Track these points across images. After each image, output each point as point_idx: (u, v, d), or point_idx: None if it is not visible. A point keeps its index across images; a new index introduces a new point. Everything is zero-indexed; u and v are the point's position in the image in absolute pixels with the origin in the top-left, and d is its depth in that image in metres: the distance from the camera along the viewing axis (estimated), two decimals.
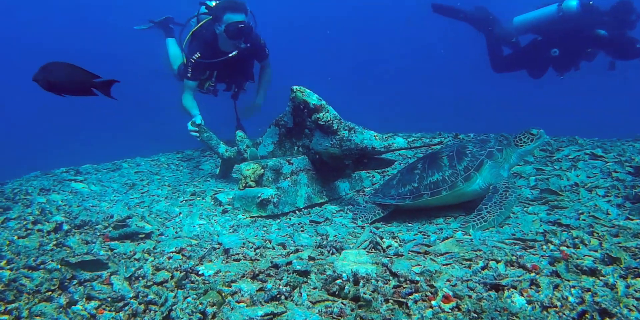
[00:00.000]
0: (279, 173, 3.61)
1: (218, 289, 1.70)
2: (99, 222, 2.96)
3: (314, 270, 1.95)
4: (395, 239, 2.54)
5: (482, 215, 2.87)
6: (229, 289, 1.74)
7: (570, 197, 3.23)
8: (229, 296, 1.68)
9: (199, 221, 3.31)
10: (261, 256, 2.20)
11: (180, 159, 5.86)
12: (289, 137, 4.01)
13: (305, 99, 3.49)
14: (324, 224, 3.21)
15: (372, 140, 3.40)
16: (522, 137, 3.24)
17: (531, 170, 3.90)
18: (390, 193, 3.41)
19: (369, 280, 1.79)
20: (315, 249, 2.31)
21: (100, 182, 4.50)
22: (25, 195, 3.70)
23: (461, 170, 3.15)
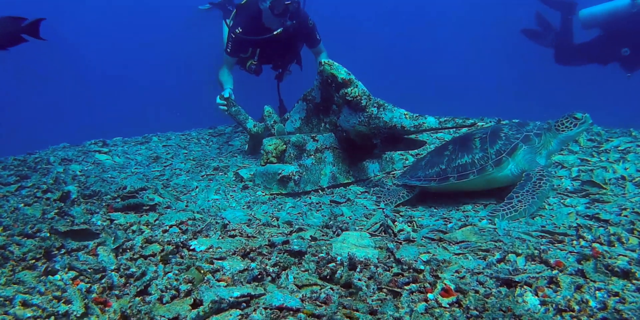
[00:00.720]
0: (303, 150, 3.46)
1: (197, 266, 1.57)
2: (108, 192, 2.90)
3: (312, 251, 1.80)
4: (411, 223, 2.35)
5: (513, 204, 2.63)
6: (210, 266, 1.61)
7: (615, 191, 2.93)
8: (209, 273, 1.55)
9: (214, 196, 3.22)
10: (259, 233, 2.07)
11: (211, 134, 5.81)
12: (317, 113, 3.85)
13: (334, 72, 3.31)
14: (344, 205, 3.05)
15: (402, 118, 3.20)
16: (565, 121, 2.95)
17: (575, 160, 3.58)
18: (417, 174, 3.20)
19: (367, 266, 1.63)
20: (321, 228, 2.16)
21: (125, 154, 4.49)
22: (46, 165, 3.72)
23: (492, 153, 2.91)
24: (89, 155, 4.29)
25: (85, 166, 3.88)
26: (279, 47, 5.72)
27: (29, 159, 3.92)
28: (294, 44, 5.95)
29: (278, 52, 5.86)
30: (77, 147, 4.70)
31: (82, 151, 4.44)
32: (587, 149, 3.85)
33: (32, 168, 3.63)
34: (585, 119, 2.93)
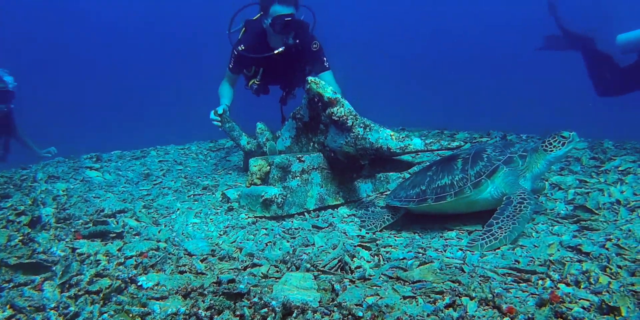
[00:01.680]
0: (287, 171, 3.39)
1: (126, 309, 1.51)
2: (82, 216, 2.88)
3: (255, 291, 1.72)
4: (378, 256, 2.25)
5: (493, 231, 2.50)
6: (141, 310, 1.54)
7: (607, 216, 2.77)
8: (139, 318, 1.49)
9: (193, 219, 3.17)
10: (210, 270, 2.00)
11: (211, 148, 5.78)
12: (306, 132, 3.77)
13: (320, 91, 3.24)
14: (323, 231, 2.96)
15: (387, 139, 3.10)
16: (552, 140, 2.80)
17: (573, 182, 3.42)
18: (399, 195, 3.10)
19: (304, 311, 1.53)
20: (277, 264, 2.07)
21: (117, 170, 4.49)
22: (32, 182, 3.74)
23: (472, 175, 2.79)
24: (80, 171, 4.31)
25: (73, 184, 3.89)
26: (283, 68, 5.54)
27: (16, 175, 3.94)
28: (299, 67, 5.68)
29: (282, 74, 5.65)
30: (70, 162, 4.72)
31: (73, 167, 4.46)
32: (589, 168, 3.68)
33: (18, 186, 3.66)
34: (572, 137, 2.79)
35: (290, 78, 5.81)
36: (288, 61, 5.39)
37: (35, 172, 4.23)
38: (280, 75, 5.62)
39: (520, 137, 4.82)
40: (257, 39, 5.23)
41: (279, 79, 5.80)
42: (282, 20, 4.83)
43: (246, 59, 5.34)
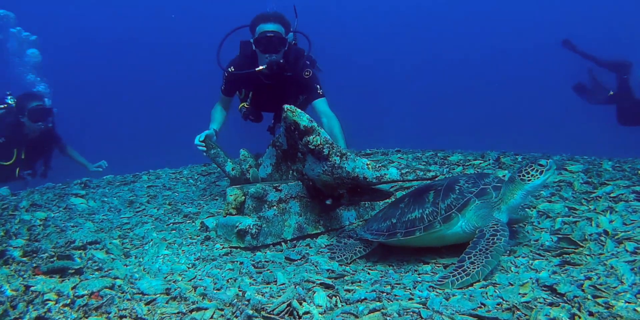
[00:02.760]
0: (263, 201, 3.29)
1: None
2: (47, 250, 2.81)
3: None
4: (336, 297, 2.13)
5: (465, 267, 2.37)
6: None
7: (593, 249, 2.61)
8: None
9: (165, 251, 3.08)
10: (151, 314, 1.90)
11: (202, 172, 5.71)
12: (285, 160, 3.69)
13: (296, 119, 3.16)
14: (296, 264, 2.85)
15: (364, 169, 3.01)
16: (529, 169, 2.66)
17: (561, 209, 3.26)
18: (371, 227, 2.99)
19: None
20: (224, 307, 1.96)
21: (103, 196, 4.44)
22: (12, 211, 3.69)
23: (442, 209, 2.66)
24: (65, 198, 4.26)
25: (54, 212, 3.84)
26: (272, 93, 5.45)
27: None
28: (291, 94, 5.58)
29: (271, 99, 5.52)
30: (57, 189, 4.69)
31: (59, 194, 4.42)
32: (580, 194, 3.51)
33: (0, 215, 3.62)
34: (550, 165, 2.66)
35: (279, 104, 5.67)
36: (277, 86, 5.33)
37: (20, 199, 4.20)
38: (270, 100, 5.52)
39: (515, 160, 4.66)
40: (247, 59, 5.21)
41: (269, 105, 5.70)
42: (264, 36, 4.80)
43: (236, 80, 5.31)
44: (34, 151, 7.53)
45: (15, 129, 7.08)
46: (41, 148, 7.67)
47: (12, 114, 7.09)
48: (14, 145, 7.14)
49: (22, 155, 7.31)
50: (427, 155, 5.22)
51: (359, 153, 5.89)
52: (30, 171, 7.57)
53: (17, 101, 7.13)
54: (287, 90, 5.50)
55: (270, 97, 5.49)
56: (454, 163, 4.82)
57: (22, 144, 7.23)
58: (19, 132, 7.12)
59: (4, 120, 7.10)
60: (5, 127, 7.04)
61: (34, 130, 7.15)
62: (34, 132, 7.20)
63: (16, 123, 7.05)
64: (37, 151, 7.63)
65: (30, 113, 6.95)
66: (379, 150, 6.02)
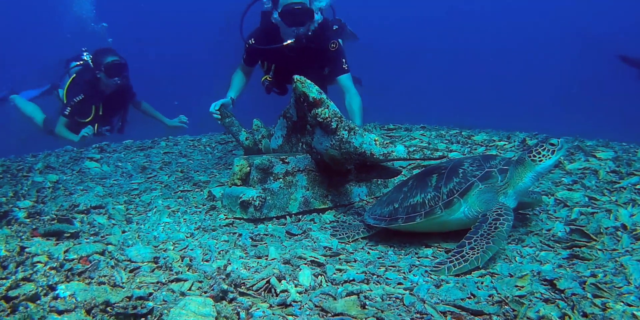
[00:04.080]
0: (268, 173, 3.22)
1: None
2: (49, 212, 2.83)
3: (156, 313, 1.58)
4: (322, 276, 2.05)
5: (464, 253, 2.25)
6: None
7: (606, 244, 2.44)
8: None
9: (166, 219, 3.07)
10: (129, 283, 1.87)
11: (221, 140, 5.66)
12: (295, 132, 3.59)
13: (305, 90, 3.05)
14: (296, 239, 2.79)
15: (371, 145, 2.89)
16: (540, 149, 2.48)
17: (581, 198, 3.07)
18: (375, 211, 2.88)
19: None
20: (204, 280, 1.92)
21: (118, 161, 4.46)
22: (27, 173, 3.74)
23: (445, 193, 2.53)
24: (80, 162, 4.30)
25: (67, 175, 3.88)
26: (296, 65, 5.23)
27: (13, 165, 3.97)
28: (315, 66, 5.38)
29: (296, 71, 5.32)
30: (73, 153, 4.74)
31: (75, 157, 4.46)
32: (604, 183, 3.30)
33: (14, 175, 3.68)
34: (561, 144, 2.49)
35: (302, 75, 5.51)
36: (301, 58, 5.15)
37: (37, 161, 4.26)
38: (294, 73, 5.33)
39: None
40: (269, 32, 5.03)
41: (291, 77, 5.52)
42: (290, 8, 4.59)
43: (257, 53, 5.16)
44: (111, 107, 7.37)
45: (93, 85, 6.95)
46: (118, 103, 7.53)
47: (88, 71, 6.99)
48: (91, 102, 7.01)
49: (100, 112, 7.17)
50: (451, 134, 5.03)
51: (383, 127, 5.73)
52: (109, 127, 7.49)
53: (93, 57, 6.98)
54: (311, 63, 5.33)
55: (293, 70, 5.27)
56: (477, 143, 4.63)
57: (99, 100, 7.10)
58: (96, 88, 6.99)
59: (82, 78, 6.99)
60: (83, 84, 6.92)
61: (110, 85, 6.98)
62: (110, 88, 7.04)
63: (93, 79, 6.92)
64: (114, 107, 7.48)
65: (106, 68, 6.73)
66: (402, 125, 5.84)
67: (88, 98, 6.91)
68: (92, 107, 7.06)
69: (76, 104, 6.84)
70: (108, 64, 6.72)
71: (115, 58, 6.81)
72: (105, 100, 7.16)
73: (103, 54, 6.89)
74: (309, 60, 5.22)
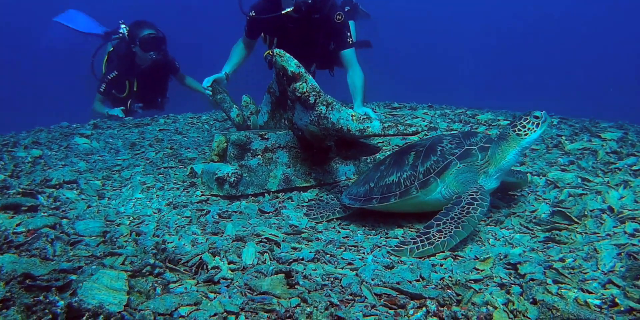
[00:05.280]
0: (246, 149, 3.12)
1: None
2: (17, 186, 2.79)
3: (74, 287, 1.51)
4: (267, 253, 1.95)
5: (430, 235, 2.12)
6: None
7: (588, 227, 2.26)
8: None
9: (138, 195, 3.01)
10: (60, 255, 1.80)
11: (221, 118, 5.55)
12: (278, 108, 3.47)
13: (284, 64, 2.91)
14: (266, 216, 2.70)
15: (348, 120, 2.75)
16: (525, 122, 2.31)
17: (573, 179, 2.87)
18: (352, 191, 2.76)
19: (95, 316, 1.31)
20: (139, 254, 1.84)
21: (109, 138, 4.42)
22: (11, 148, 3.74)
23: (421, 172, 2.38)
24: (69, 138, 4.27)
25: (52, 151, 3.85)
26: (299, 39, 5.08)
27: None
28: (319, 40, 5.20)
29: (298, 46, 5.07)
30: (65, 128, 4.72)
31: (66, 133, 4.44)
32: (601, 164, 3.08)
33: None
34: (545, 116, 2.33)
35: (308, 52, 5.33)
36: (304, 30, 4.99)
37: (27, 136, 4.27)
38: (297, 48, 5.07)
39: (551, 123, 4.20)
40: (270, 2, 4.88)
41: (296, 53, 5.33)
42: None
43: (258, 24, 5.03)
44: (147, 82, 6.94)
45: (128, 59, 6.62)
46: (156, 79, 7.09)
47: (124, 44, 6.67)
48: (126, 77, 6.69)
49: (135, 87, 6.81)
50: (455, 113, 4.83)
51: (387, 106, 5.55)
52: (142, 104, 7.05)
53: (129, 30, 6.55)
54: (315, 36, 5.16)
55: (297, 44, 5.13)
56: (481, 122, 4.42)
57: (134, 75, 6.73)
58: (132, 62, 6.64)
59: (118, 52, 6.73)
60: (118, 59, 6.67)
61: (145, 60, 6.57)
62: (146, 62, 6.62)
63: (128, 53, 6.59)
64: (151, 82, 7.01)
65: (141, 42, 6.32)
66: (408, 104, 5.64)
67: (123, 74, 6.63)
68: (126, 83, 6.75)
69: (111, 80, 6.62)
70: (143, 37, 6.32)
71: (152, 31, 6.40)
72: (141, 75, 6.80)
73: (139, 26, 6.47)
74: (312, 32, 5.06)
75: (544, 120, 2.31)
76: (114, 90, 6.82)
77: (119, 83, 6.73)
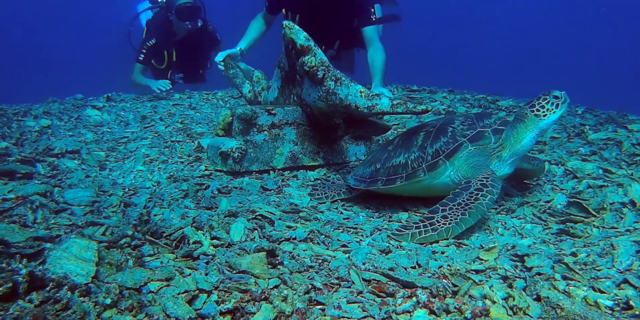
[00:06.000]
0: (251, 124, 3.01)
1: None
2: (17, 153, 2.75)
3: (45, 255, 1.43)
4: (257, 231, 1.85)
5: (434, 220, 1.99)
6: None
7: (606, 221, 2.10)
8: None
9: (140, 167, 2.95)
10: (42, 223, 1.73)
11: (236, 95, 5.44)
12: (287, 83, 3.34)
13: (292, 37, 2.77)
14: (267, 193, 2.60)
15: (356, 97, 2.61)
16: (545, 103, 2.14)
17: (594, 170, 2.69)
18: (358, 172, 2.63)
19: (59, 287, 1.22)
20: (121, 225, 1.76)
21: (121, 110, 4.36)
22: (22, 117, 3.70)
23: (429, 154, 2.23)
24: (80, 109, 4.22)
25: (61, 122, 3.81)
26: (322, 15, 4.92)
27: (10, 109, 3.94)
28: (343, 17, 5.00)
29: (323, 23, 4.96)
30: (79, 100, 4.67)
31: (78, 105, 4.39)
32: (625, 156, 2.89)
33: (9, 119, 3.65)
34: (564, 96, 2.15)
35: (331, 30, 5.18)
36: (328, 7, 4.83)
37: (39, 107, 4.24)
38: (320, 24, 4.97)
39: (574, 112, 3.99)
40: None
41: (320, 30, 5.05)
42: None
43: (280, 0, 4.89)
44: (187, 53, 6.76)
45: (165, 28, 6.48)
46: (196, 50, 6.91)
47: (163, 13, 6.54)
48: (164, 47, 6.54)
49: (174, 58, 6.66)
50: (476, 98, 4.64)
51: (405, 88, 5.37)
52: (182, 75, 6.83)
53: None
54: (339, 13, 4.99)
55: (319, 20, 4.96)
56: (501, 108, 4.23)
57: (172, 45, 6.59)
58: (169, 31, 6.50)
59: (156, 20, 6.60)
60: (156, 27, 6.52)
61: (182, 29, 6.43)
62: (182, 32, 6.48)
63: (166, 22, 6.45)
64: (191, 53, 6.84)
65: (176, 11, 6.19)
66: (428, 87, 5.45)
67: (161, 42, 6.48)
68: (164, 53, 6.61)
69: (149, 49, 6.45)
70: (179, 6, 6.20)
71: (188, 0, 6.23)
72: (180, 46, 6.65)
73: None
74: (335, 9, 4.90)
75: (563, 101, 2.14)
76: (154, 61, 6.69)
77: (157, 53, 6.60)
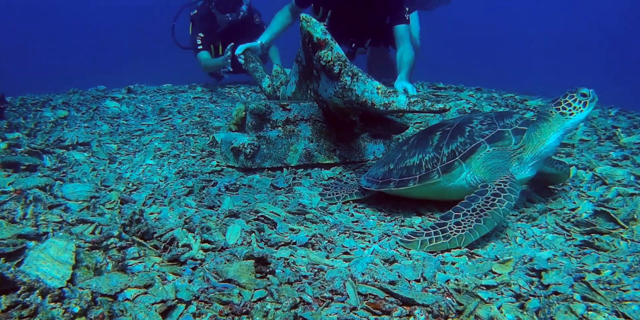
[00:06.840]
0: (265, 119, 2.92)
1: None
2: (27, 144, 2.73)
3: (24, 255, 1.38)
4: (254, 234, 1.76)
5: (447, 227, 1.86)
6: None
7: (636, 233, 1.93)
8: None
9: (149, 161, 2.90)
10: (31, 219, 1.67)
11: (258, 89, 5.37)
12: (305, 78, 3.23)
13: (309, 30, 2.66)
14: (277, 192, 2.51)
15: (373, 93, 2.49)
16: (572, 101, 1.99)
17: (625, 176, 2.50)
18: (371, 172, 2.50)
19: (30, 290, 1.16)
20: (113, 224, 1.69)
21: (141, 102, 4.34)
22: (40, 107, 3.71)
23: (445, 155, 2.10)
24: (100, 100, 4.22)
25: (79, 113, 3.80)
26: (356, 12, 4.80)
27: (29, 100, 3.96)
28: (376, 15, 4.87)
29: (354, 19, 4.86)
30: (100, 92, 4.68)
31: (98, 96, 4.39)
32: None
33: (28, 109, 3.65)
34: (593, 95, 1.99)
35: (363, 27, 5.05)
36: (361, 3, 4.70)
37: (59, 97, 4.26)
38: (352, 21, 4.88)
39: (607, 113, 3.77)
40: None
41: (351, 26, 5.04)
42: None
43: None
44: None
45: (209, 21, 6.35)
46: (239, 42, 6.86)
47: (206, 6, 6.37)
48: (210, 40, 6.39)
49: (220, 51, 6.41)
50: (504, 97, 4.45)
51: (431, 86, 5.20)
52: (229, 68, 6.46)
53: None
54: (371, 9, 4.84)
55: (351, 17, 4.83)
56: (529, 108, 4.04)
57: (217, 37, 6.43)
58: (212, 24, 6.37)
59: (200, 14, 6.45)
60: (200, 21, 6.39)
61: (223, 21, 6.27)
62: (224, 24, 6.32)
63: (208, 15, 6.33)
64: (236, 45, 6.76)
65: (216, 3, 6.10)
66: (455, 85, 5.26)
67: (207, 36, 6.35)
68: (211, 47, 6.45)
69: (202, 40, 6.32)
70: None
71: None
72: (225, 38, 6.35)
73: None
74: (368, 5, 4.78)
75: (592, 99, 1.97)
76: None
77: (205, 45, 6.40)
